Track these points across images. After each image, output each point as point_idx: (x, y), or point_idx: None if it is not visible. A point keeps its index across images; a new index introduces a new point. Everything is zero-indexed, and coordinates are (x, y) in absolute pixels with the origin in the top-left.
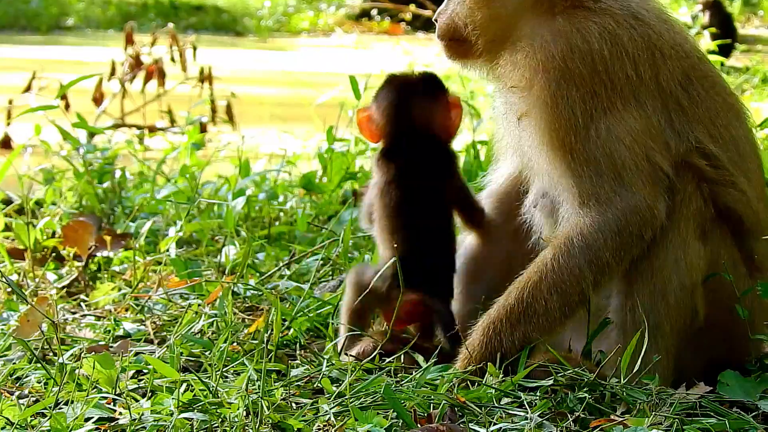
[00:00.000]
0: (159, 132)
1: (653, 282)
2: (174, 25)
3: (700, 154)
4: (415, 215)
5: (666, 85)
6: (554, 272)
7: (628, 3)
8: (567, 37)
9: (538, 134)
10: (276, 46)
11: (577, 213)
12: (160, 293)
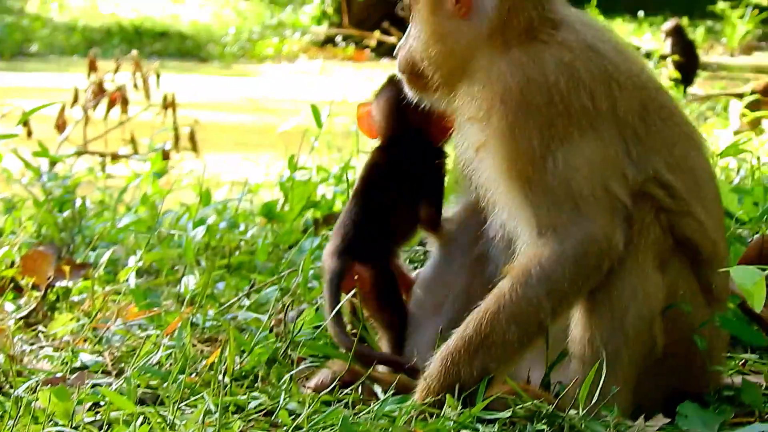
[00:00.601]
0: (121, 159)
1: (611, 312)
2: (138, 51)
3: (658, 184)
4: (374, 194)
5: (623, 115)
6: (512, 302)
7: (584, 35)
8: (523, 69)
9: (496, 165)
10: (240, 73)
11: (534, 243)
12: (118, 324)
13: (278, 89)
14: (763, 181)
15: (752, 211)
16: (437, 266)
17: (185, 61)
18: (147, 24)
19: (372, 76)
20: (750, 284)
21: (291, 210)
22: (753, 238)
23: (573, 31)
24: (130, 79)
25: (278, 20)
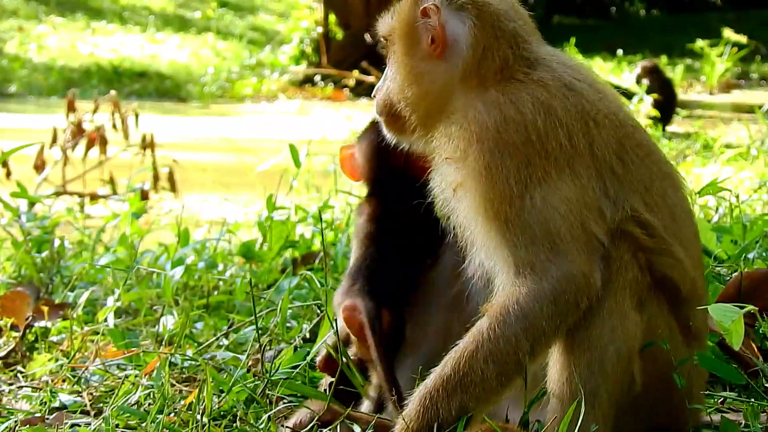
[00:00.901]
0: (100, 200)
1: (590, 351)
2: (117, 91)
3: (636, 223)
4: (383, 243)
5: (600, 153)
6: (490, 341)
7: (560, 73)
8: (500, 108)
9: (473, 204)
10: (219, 113)
11: (512, 282)
12: (97, 364)
13: (257, 129)
14: (741, 219)
15: (731, 249)
16: (415, 306)
17: (164, 101)
18: (126, 64)
19: (351, 115)
20: (728, 322)
21: (269, 249)
22: (731, 276)
23: (549, 69)
24: (108, 119)
25: (257, 60)
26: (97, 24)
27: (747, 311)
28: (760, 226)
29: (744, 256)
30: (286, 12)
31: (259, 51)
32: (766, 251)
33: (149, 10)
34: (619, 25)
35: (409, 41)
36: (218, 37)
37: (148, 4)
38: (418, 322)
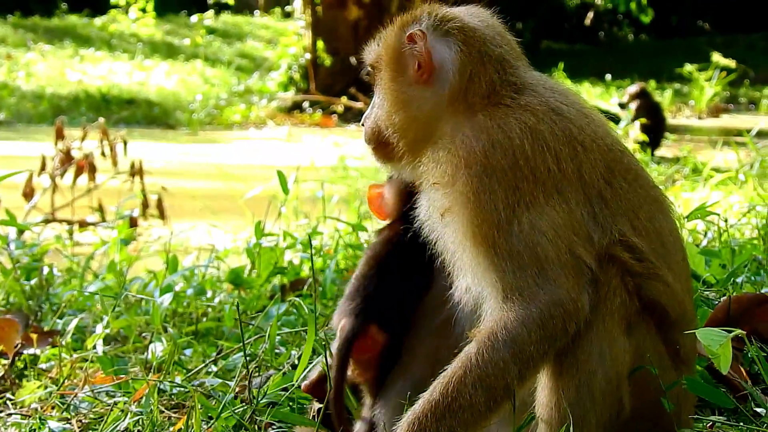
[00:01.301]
0: (89, 227)
1: (578, 376)
2: (105, 118)
3: (624, 247)
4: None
5: (588, 178)
6: (478, 366)
7: (547, 98)
8: (488, 133)
9: (461, 229)
10: (208, 139)
11: (500, 308)
12: (86, 391)
13: (246, 155)
14: (730, 244)
15: (719, 274)
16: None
17: (152, 128)
18: (114, 91)
19: (339, 141)
20: (716, 346)
21: (258, 276)
22: (720, 300)
23: (536, 94)
24: (97, 146)
25: (245, 87)
26: (86, 51)
27: (735, 335)
28: (748, 250)
29: (732, 280)
30: (274, 39)
31: (247, 78)
32: (755, 275)
33: (137, 37)
34: (608, 50)
35: (395, 68)
36: (206, 63)
37: (136, 32)
38: (407, 347)
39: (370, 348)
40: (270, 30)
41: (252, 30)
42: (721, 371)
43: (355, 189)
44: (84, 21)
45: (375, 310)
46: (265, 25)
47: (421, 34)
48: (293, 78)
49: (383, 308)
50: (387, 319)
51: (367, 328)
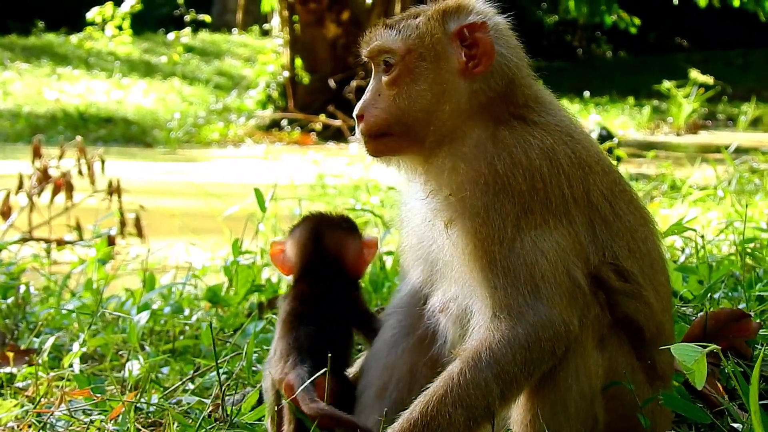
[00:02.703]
0: (67, 245)
1: (553, 392)
2: (83, 137)
3: (612, 267)
4: (310, 320)
5: (595, 200)
6: (460, 386)
7: (560, 117)
8: (510, 152)
9: (463, 241)
10: (186, 158)
11: (487, 326)
12: (62, 409)
13: (224, 173)
14: (707, 260)
15: (697, 289)
16: (381, 348)
17: (130, 146)
18: (91, 110)
19: (317, 159)
20: (691, 362)
21: (236, 294)
22: (697, 315)
23: (552, 113)
24: (74, 165)
25: (223, 105)
26: (63, 70)
27: (710, 351)
28: (726, 266)
29: (710, 295)
30: (252, 57)
31: (225, 96)
32: (732, 291)
33: (115, 55)
34: (586, 67)
35: (436, 55)
36: (184, 82)
37: (114, 50)
38: (384, 367)
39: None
40: (248, 48)
41: (230, 48)
42: (696, 387)
43: (333, 207)
44: (61, 39)
45: (310, 360)
46: (243, 43)
47: (483, 25)
48: (271, 96)
49: (315, 357)
50: (321, 366)
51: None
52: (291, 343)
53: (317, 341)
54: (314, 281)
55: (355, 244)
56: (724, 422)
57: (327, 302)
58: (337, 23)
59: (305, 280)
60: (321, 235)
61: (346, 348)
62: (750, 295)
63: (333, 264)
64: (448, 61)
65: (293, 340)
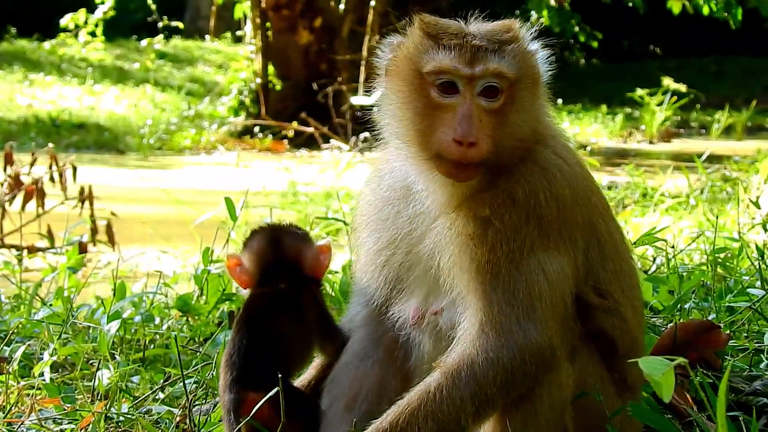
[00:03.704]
0: (38, 253)
1: (525, 402)
2: (55, 143)
3: (593, 288)
4: (254, 328)
5: (596, 222)
6: (434, 401)
7: (566, 141)
8: (546, 178)
9: (472, 254)
10: (158, 164)
11: (473, 341)
12: (32, 419)
13: (196, 180)
14: (678, 270)
15: (667, 300)
16: (351, 360)
17: (103, 153)
18: (64, 116)
19: (290, 166)
20: (658, 375)
21: (206, 303)
22: (667, 326)
23: (562, 137)
24: (46, 171)
25: (196, 111)
26: (36, 76)
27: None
28: (696, 276)
29: (680, 306)
30: (225, 63)
31: (197, 102)
32: (702, 301)
33: (87, 62)
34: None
35: (534, 85)
36: (157, 88)
37: (86, 56)
38: (353, 378)
39: (265, 412)
40: (221, 55)
41: (202, 55)
42: (663, 400)
43: (305, 214)
44: (34, 45)
45: (248, 377)
46: (216, 49)
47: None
48: (244, 103)
49: (257, 371)
50: (263, 380)
51: (245, 396)
52: (231, 353)
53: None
54: (274, 286)
55: (311, 249)
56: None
57: (286, 303)
58: (310, 30)
59: (264, 287)
60: (279, 241)
61: (299, 355)
62: (720, 306)
63: (293, 268)
64: (541, 90)
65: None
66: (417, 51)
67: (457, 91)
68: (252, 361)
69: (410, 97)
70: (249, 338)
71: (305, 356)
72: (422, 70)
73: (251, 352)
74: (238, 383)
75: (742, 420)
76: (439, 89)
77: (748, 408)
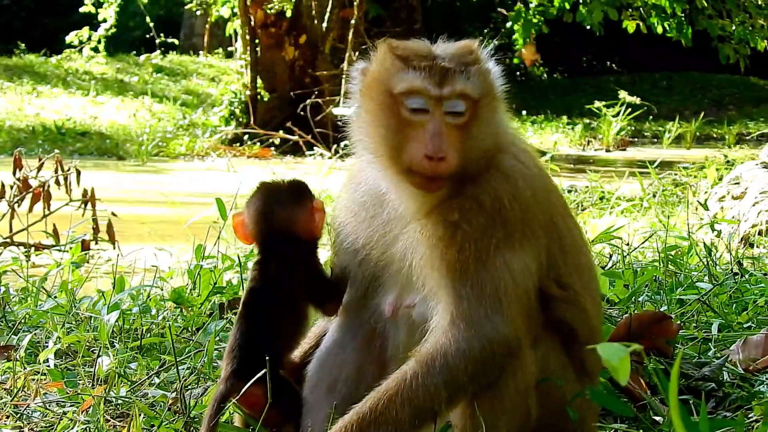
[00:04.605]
0: (44, 250)
1: (492, 388)
2: (60, 149)
3: (555, 281)
4: (259, 314)
5: (556, 221)
6: (411, 388)
7: (521, 140)
8: (513, 184)
9: (442, 254)
10: (155, 169)
11: (445, 332)
12: (38, 401)
13: (190, 184)
14: (632, 266)
15: (622, 293)
16: (331, 348)
17: (104, 159)
18: (69, 125)
19: (276, 171)
20: (615, 360)
21: (199, 295)
22: (622, 317)
23: (521, 143)
24: (52, 176)
25: (190, 121)
26: (43, 88)
27: (633, 350)
28: (650, 272)
29: (634, 299)
30: (217, 77)
31: (192, 113)
32: (655, 294)
33: (90, 75)
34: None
35: (496, 101)
36: (154, 99)
37: (90, 70)
38: (333, 364)
39: (256, 401)
40: (213, 69)
41: (196, 69)
42: (620, 383)
43: None
44: (41, 60)
45: (246, 370)
46: (209, 64)
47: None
48: (234, 113)
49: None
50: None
51: (237, 388)
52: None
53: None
54: (271, 256)
55: (303, 213)
56: (646, 415)
57: (284, 277)
58: (295, 46)
59: (263, 255)
60: (270, 212)
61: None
62: (671, 299)
63: (286, 238)
64: (499, 103)
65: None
66: (388, 73)
67: (427, 109)
68: (248, 354)
69: (382, 115)
70: (248, 332)
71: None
72: (393, 91)
73: (248, 344)
74: (235, 376)
75: (693, 403)
76: (409, 108)
77: (698, 392)
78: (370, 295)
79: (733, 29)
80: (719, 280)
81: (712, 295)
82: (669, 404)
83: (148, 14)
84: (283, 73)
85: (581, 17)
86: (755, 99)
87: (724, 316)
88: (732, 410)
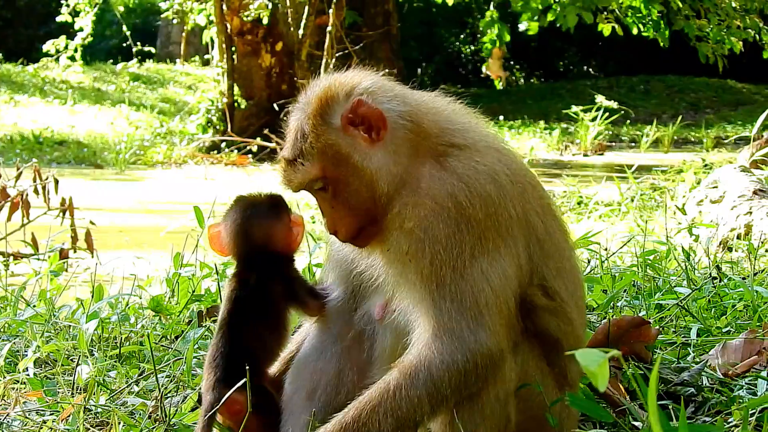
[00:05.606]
0: (23, 259)
1: (473, 396)
2: (38, 158)
3: (540, 289)
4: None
5: (532, 219)
6: (394, 399)
7: (484, 134)
8: (465, 181)
9: (417, 268)
10: (133, 178)
11: (428, 344)
12: (17, 410)
13: (168, 192)
14: (611, 271)
15: (601, 298)
16: (311, 354)
17: (82, 167)
18: (46, 134)
19: (253, 178)
20: (594, 365)
21: (177, 303)
22: (601, 323)
23: (476, 132)
24: (30, 185)
25: (167, 129)
26: (20, 97)
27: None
28: (628, 277)
29: (612, 304)
30: (194, 85)
31: (169, 121)
32: (633, 299)
33: (68, 84)
34: (501, 93)
35: (344, 157)
36: (131, 108)
37: (67, 79)
38: (313, 370)
39: (239, 410)
40: (190, 77)
41: (173, 77)
42: (599, 389)
43: None
44: (18, 69)
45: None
46: (186, 72)
47: (360, 103)
48: (212, 121)
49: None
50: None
51: (224, 395)
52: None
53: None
54: (250, 269)
55: (281, 228)
56: (625, 421)
57: (264, 288)
58: (272, 54)
59: (242, 267)
60: (248, 227)
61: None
62: (650, 304)
63: (264, 252)
64: (357, 149)
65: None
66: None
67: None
68: (231, 363)
69: None
70: (231, 342)
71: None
72: None
73: (230, 353)
74: (221, 383)
75: (672, 408)
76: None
77: (677, 397)
78: (360, 297)
79: (710, 29)
80: (698, 285)
81: (690, 300)
82: (648, 409)
83: (125, 23)
84: (259, 81)
85: (554, 15)
86: (733, 102)
87: (703, 321)
88: (711, 415)
